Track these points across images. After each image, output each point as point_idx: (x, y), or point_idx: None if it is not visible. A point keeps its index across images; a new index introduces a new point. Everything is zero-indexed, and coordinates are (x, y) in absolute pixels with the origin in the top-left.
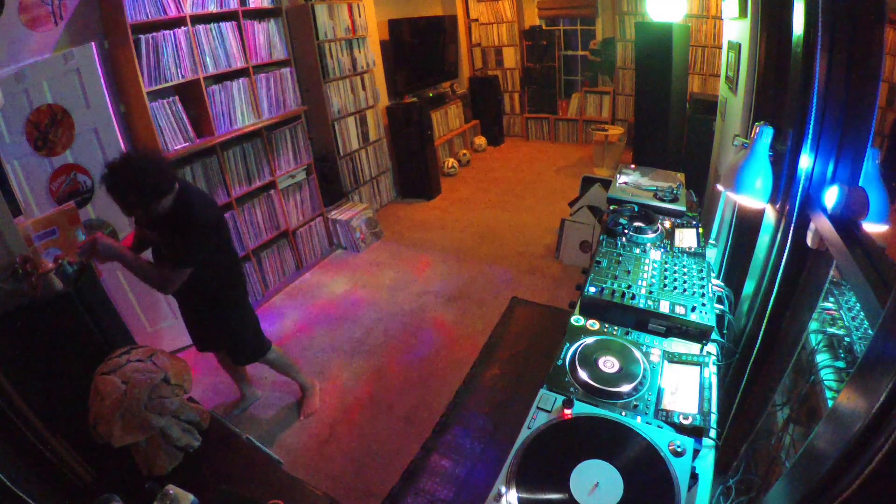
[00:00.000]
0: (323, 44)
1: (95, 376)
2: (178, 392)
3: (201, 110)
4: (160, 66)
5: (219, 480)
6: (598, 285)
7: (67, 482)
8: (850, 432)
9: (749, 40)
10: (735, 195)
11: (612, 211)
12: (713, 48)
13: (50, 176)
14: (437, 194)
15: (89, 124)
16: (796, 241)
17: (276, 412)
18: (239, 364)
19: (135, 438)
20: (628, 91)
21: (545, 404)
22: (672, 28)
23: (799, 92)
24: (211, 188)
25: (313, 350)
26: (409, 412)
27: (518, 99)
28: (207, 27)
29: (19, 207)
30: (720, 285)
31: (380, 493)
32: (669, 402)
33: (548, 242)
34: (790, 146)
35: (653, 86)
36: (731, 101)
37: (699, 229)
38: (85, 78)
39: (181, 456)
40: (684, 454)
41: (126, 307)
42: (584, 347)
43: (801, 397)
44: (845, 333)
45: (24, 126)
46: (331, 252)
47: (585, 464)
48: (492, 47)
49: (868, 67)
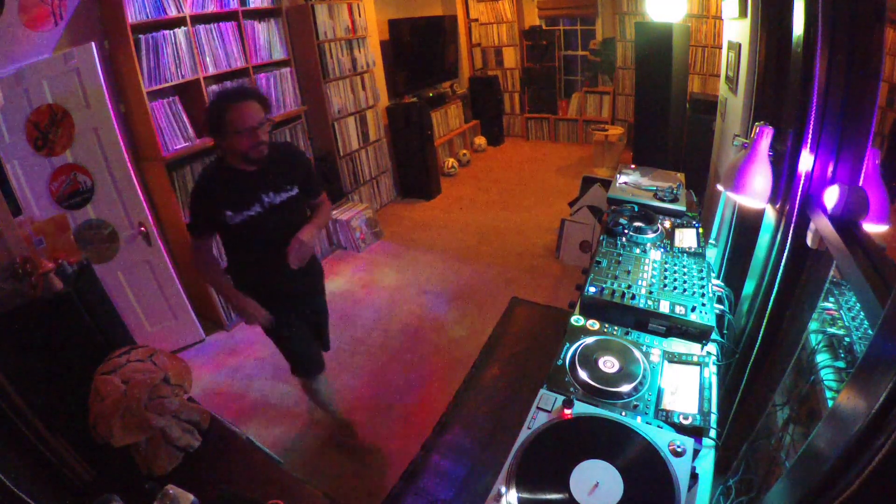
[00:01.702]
0: (323, 44)
1: (95, 376)
2: (178, 392)
3: (201, 110)
4: (160, 66)
5: (219, 480)
6: (598, 285)
7: (67, 482)
8: (850, 432)
9: (749, 40)
10: (735, 195)
11: (612, 211)
12: (713, 48)
13: (50, 176)
14: (437, 194)
15: (89, 124)
16: (796, 241)
17: (277, 412)
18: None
19: (135, 438)
20: (628, 91)
21: (545, 404)
22: (672, 28)
23: (799, 92)
24: None
25: None
26: (409, 412)
27: (518, 99)
28: (207, 27)
29: (19, 207)
30: (720, 285)
31: (380, 493)
32: (669, 402)
33: (548, 242)
34: (790, 146)
35: (653, 86)
36: (731, 101)
37: (699, 229)
38: (85, 78)
39: (181, 456)
40: (684, 454)
41: (126, 307)
42: (584, 347)
43: (801, 397)
44: (845, 333)
45: (24, 126)
46: (331, 252)
47: (585, 464)
48: (492, 47)
49: (868, 67)
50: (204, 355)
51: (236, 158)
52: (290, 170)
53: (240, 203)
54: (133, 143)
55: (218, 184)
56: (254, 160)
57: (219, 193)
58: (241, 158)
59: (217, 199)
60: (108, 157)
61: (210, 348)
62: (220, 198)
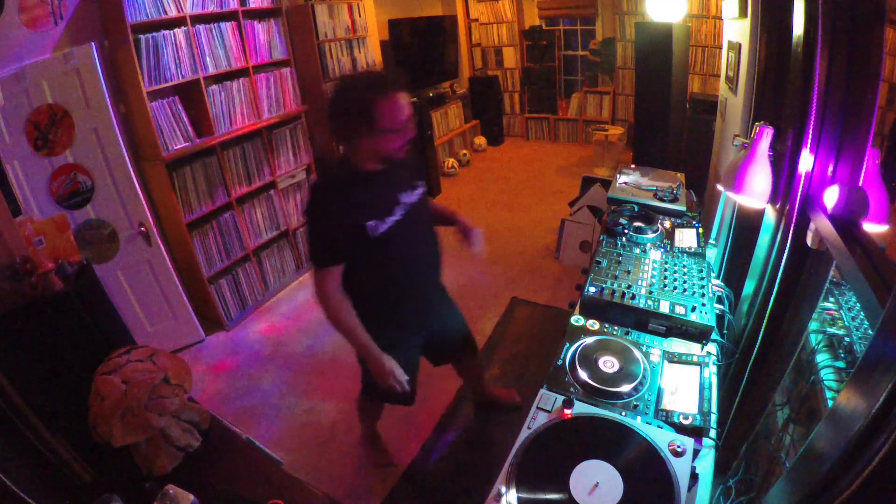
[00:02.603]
0: (323, 44)
1: (95, 376)
2: (179, 392)
3: (201, 110)
4: (160, 66)
5: (219, 480)
6: (598, 285)
7: (67, 482)
8: (850, 432)
9: (749, 40)
10: (735, 195)
11: (612, 211)
12: (713, 48)
13: (50, 176)
14: (437, 194)
15: (89, 124)
16: (796, 241)
17: (277, 412)
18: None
19: (135, 438)
20: (628, 91)
21: (545, 404)
22: (672, 28)
23: (799, 92)
24: (211, 188)
25: (313, 350)
26: (409, 412)
27: (518, 99)
28: (207, 27)
29: (19, 207)
30: (720, 285)
31: (380, 493)
32: (669, 402)
33: (548, 242)
34: (790, 146)
35: (653, 86)
36: (731, 101)
37: (699, 229)
38: (85, 78)
39: (181, 456)
40: (684, 454)
41: (126, 307)
42: (584, 347)
43: (801, 397)
44: (845, 333)
45: (24, 126)
46: None
47: (585, 464)
48: (492, 47)
49: (868, 67)
50: (204, 355)
51: (369, 159)
52: (414, 162)
53: (382, 210)
54: (133, 143)
55: (354, 192)
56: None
57: (357, 203)
58: (379, 159)
59: (358, 211)
60: (108, 157)
61: (210, 348)
62: (361, 208)
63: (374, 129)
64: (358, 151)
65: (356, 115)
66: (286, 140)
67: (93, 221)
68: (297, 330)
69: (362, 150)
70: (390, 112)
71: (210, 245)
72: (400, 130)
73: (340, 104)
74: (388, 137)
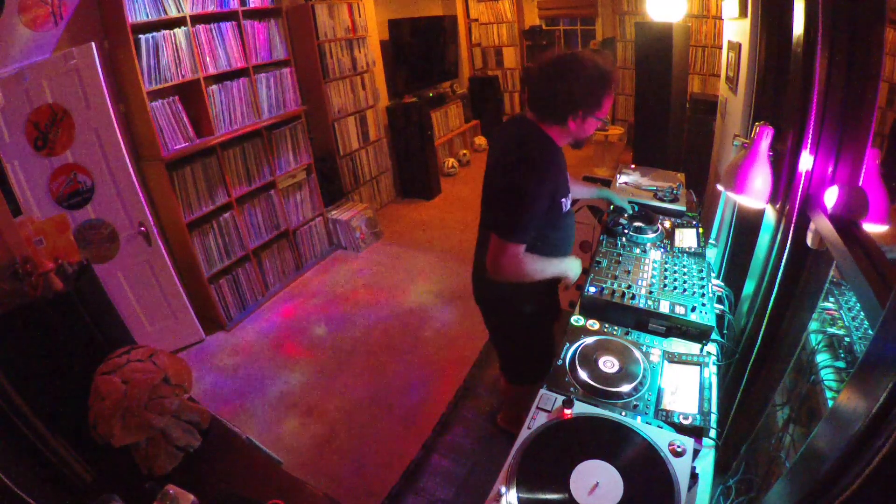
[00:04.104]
0: (323, 44)
1: (96, 376)
2: (179, 392)
3: (201, 110)
4: (160, 66)
5: (219, 480)
6: (598, 285)
7: (67, 482)
8: (850, 432)
9: (749, 40)
10: (735, 195)
11: (612, 211)
12: (713, 48)
13: (50, 176)
14: (438, 194)
15: (89, 124)
16: (796, 241)
17: (277, 412)
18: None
19: (135, 438)
20: (628, 91)
21: (545, 404)
22: (672, 28)
23: (799, 92)
24: (211, 188)
25: (313, 350)
26: (409, 412)
27: (518, 99)
28: (207, 27)
29: (19, 207)
30: (720, 285)
31: (380, 492)
32: (669, 402)
33: None
34: (790, 146)
35: (652, 86)
36: (731, 101)
37: (699, 229)
38: (85, 78)
39: (181, 456)
40: (684, 454)
41: (126, 307)
42: (584, 347)
43: (801, 397)
44: (845, 333)
45: (24, 126)
46: (331, 252)
47: (585, 464)
48: (492, 47)
49: (868, 67)
50: (204, 355)
51: (566, 136)
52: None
53: (566, 187)
54: (133, 143)
55: (560, 166)
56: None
57: (564, 178)
58: (573, 139)
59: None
60: (108, 157)
61: (210, 348)
62: (564, 184)
63: (593, 114)
64: (570, 129)
65: (592, 99)
66: (286, 140)
67: (93, 221)
68: (296, 330)
69: (573, 129)
70: (609, 104)
71: (210, 245)
72: (602, 121)
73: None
74: (593, 124)
